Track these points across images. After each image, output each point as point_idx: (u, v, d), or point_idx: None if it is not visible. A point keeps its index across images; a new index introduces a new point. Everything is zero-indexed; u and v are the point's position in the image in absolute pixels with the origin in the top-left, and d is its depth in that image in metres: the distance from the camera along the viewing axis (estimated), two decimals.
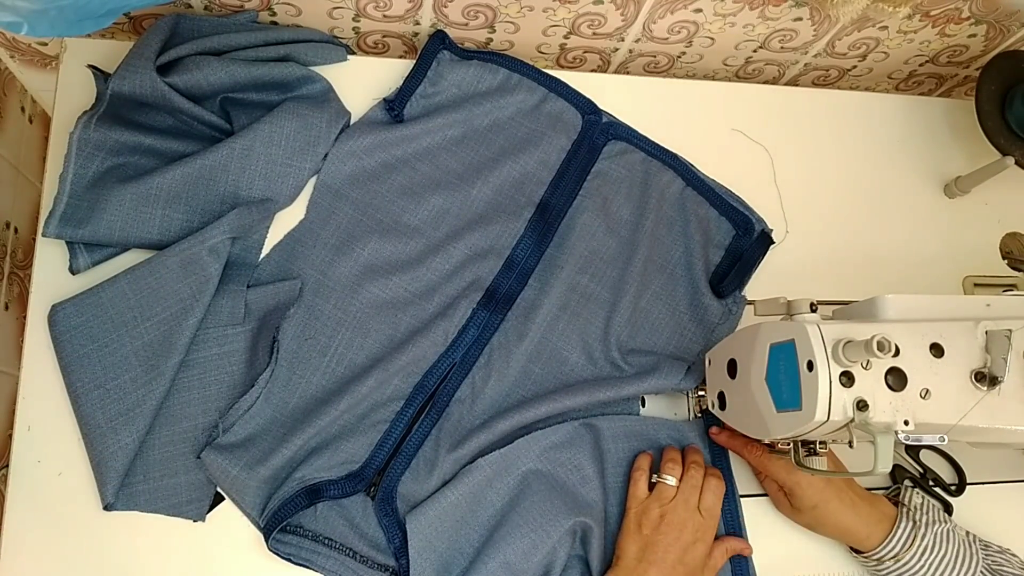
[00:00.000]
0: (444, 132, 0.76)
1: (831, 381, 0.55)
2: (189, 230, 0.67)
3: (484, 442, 0.68)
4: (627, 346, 0.74)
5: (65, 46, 0.73)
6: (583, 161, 0.78)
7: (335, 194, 0.73)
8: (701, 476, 0.67)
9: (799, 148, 0.85)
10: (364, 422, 0.68)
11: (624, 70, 0.90)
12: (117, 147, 0.68)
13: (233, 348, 0.66)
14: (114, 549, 0.63)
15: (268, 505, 0.64)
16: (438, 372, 0.70)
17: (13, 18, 0.53)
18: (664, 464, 0.68)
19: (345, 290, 0.71)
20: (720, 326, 0.75)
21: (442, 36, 0.78)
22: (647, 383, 0.70)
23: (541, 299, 0.73)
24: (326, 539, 0.65)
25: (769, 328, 0.61)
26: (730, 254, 0.78)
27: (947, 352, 0.58)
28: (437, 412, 0.69)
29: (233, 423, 0.66)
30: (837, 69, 0.93)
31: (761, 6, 0.79)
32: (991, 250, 0.86)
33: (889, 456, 0.54)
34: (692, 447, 0.71)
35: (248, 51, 0.72)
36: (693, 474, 0.67)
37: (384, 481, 0.67)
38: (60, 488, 0.64)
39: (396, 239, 0.73)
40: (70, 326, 0.65)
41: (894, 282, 0.82)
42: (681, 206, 0.78)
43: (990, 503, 0.76)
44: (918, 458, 0.74)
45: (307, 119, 0.71)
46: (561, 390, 0.70)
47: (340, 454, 0.67)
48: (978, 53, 0.91)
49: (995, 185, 0.84)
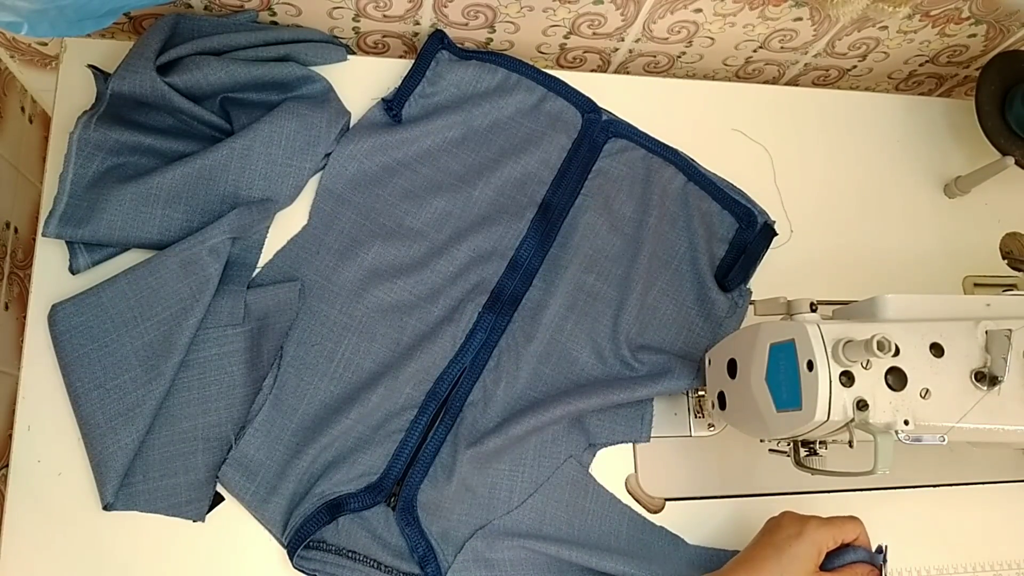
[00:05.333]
0: (444, 133, 0.76)
1: (831, 381, 0.55)
2: (189, 230, 0.67)
3: (500, 445, 0.68)
4: (636, 343, 0.74)
5: (65, 46, 0.73)
6: (584, 160, 0.78)
7: (337, 199, 0.73)
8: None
9: (799, 148, 0.85)
10: (379, 432, 0.68)
11: (624, 70, 0.90)
12: (117, 147, 0.67)
13: (233, 348, 0.66)
14: (114, 549, 0.63)
15: (290, 522, 0.65)
16: (449, 378, 0.70)
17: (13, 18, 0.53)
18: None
19: (350, 295, 0.71)
20: (727, 320, 0.76)
21: (441, 36, 0.78)
22: (660, 385, 0.70)
23: (547, 300, 0.73)
24: (349, 552, 0.65)
25: (769, 328, 0.61)
26: (734, 247, 0.78)
27: (947, 352, 0.58)
28: (451, 418, 0.69)
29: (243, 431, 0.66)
30: (837, 69, 0.93)
31: (761, 6, 0.79)
32: (991, 250, 0.86)
33: (889, 456, 0.54)
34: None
35: (248, 51, 0.72)
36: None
37: (404, 490, 0.67)
38: (60, 488, 0.64)
39: (399, 242, 0.73)
40: (70, 326, 0.65)
41: (894, 282, 0.81)
42: (683, 201, 0.78)
43: (990, 503, 0.76)
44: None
45: (307, 119, 0.71)
46: (574, 392, 0.70)
47: (358, 467, 0.67)
48: (978, 53, 0.91)
49: (995, 185, 0.84)
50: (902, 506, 0.75)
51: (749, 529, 0.70)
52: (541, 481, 0.69)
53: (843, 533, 0.62)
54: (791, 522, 0.63)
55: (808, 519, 0.63)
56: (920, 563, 0.74)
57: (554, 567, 0.68)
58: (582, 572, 0.68)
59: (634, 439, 0.72)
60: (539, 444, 0.70)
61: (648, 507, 0.72)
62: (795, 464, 0.64)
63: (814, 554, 0.61)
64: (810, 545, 0.61)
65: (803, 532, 0.61)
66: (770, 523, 0.65)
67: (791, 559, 0.60)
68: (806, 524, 0.62)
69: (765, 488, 0.74)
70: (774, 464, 0.73)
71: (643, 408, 0.73)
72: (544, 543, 0.67)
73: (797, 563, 0.60)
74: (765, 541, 0.63)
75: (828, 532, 0.62)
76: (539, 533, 0.68)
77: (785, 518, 0.64)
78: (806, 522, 0.62)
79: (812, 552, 0.60)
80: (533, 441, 0.70)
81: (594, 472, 0.71)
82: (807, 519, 0.63)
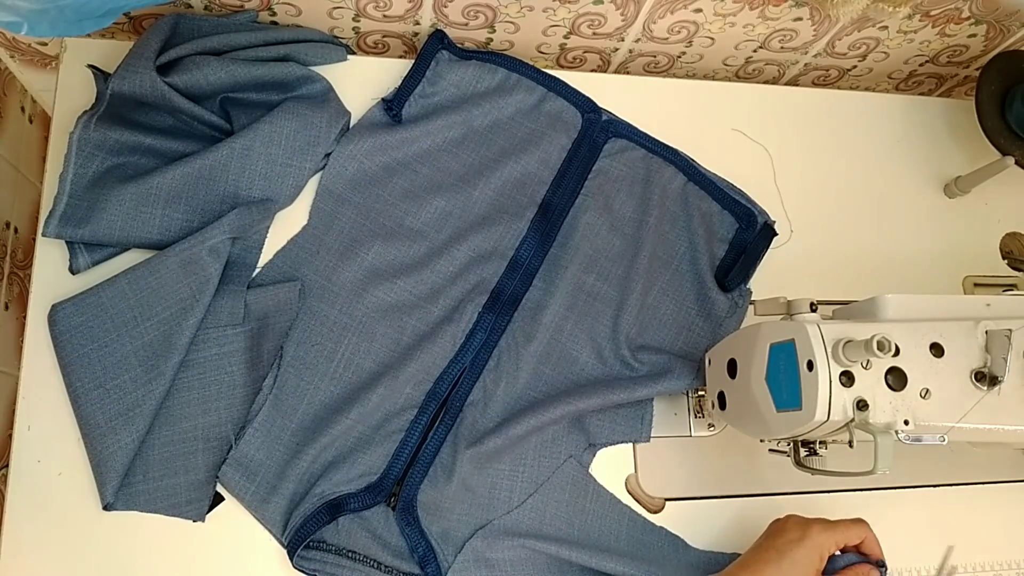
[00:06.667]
0: (444, 133, 0.76)
1: (831, 381, 0.55)
2: (189, 230, 0.67)
3: (500, 445, 0.68)
4: (636, 343, 0.74)
5: (65, 46, 0.73)
6: (584, 160, 0.78)
7: (337, 199, 0.73)
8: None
9: (799, 148, 0.85)
10: (379, 432, 0.68)
11: (624, 70, 0.90)
12: (117, 147, 0.68)
13: (233, 348, 0.66)
14: (114, 549, 0.63)
15: (290, 522, 0.65)
16: (449, 378, 0.70)
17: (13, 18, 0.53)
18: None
19: (350, 295, 0.71)
20: (727, 320, 0.76)
21: (441, 36, 0.78)
22: (660, 385, 0.70)
23: (547, 300, 0.73)
24: (349, 552, 0.65)
25: (769, 328, 0.61)
26: (734, 247, 0.78)
27: (947, 352, 0.58)
28: (451, 418, 0.69)
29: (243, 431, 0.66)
30: (837, 69, 0.93)
31: (761, 6, 0.79)
32: (991, 250, 0.86)
33: (890, 456, 0.54)
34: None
35: (248, 51, 0.72)
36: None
37: (404, 490, 0.67)
38: (60, 488, 0.64)
39: (399, 243, 0.73)
40: (70, 326, 0.65)
41: (894, 282, 0.81)
42: (684, 201, 0.78)
43: (990, 503, 0.76)
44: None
45: (307, 119, 0.71)
46: (574, 392, 0.70)
47: (358, 467, 0.67)
48: (978, 53, 0.91)
49: (995, 185, 0.84)
50: (902, 506, 0.75)
51: (749, 529, 0.70)
52: (541, 481, 0.69)
53: (847, 537, 0.62)
54: (794, 526, 0.63)
55: (812, 523, 0.62)
56: (920, 563, 0.74)
57: (554, 567, 0.68)
58: (582, 572, 0.68)
59: (634, 439, 0.72)
60: (539, 444, 0.70)
61: (648, 507, 0.72)
62: (795, 464, 0.64)
63: (815, 559, 0.60)
64: (811, 550, 0.60)
65: (805, 536, 0.61)
66: (773, 526, 0.65)
67: (792, 563, 0.60)
68: (809, 528, 0.62)
69: (765, 488, 0.74)
70: (774, 464, 0.73)
71: (643, 408, 0.73)
72: (544, 543, 0.67)
73: (798, 568, 0.60)
74: (767, 544, 0.63)
75: (831, 537, 0.61)
76: (539, 533, 0.68)
77: (789, 521, 0.64)
78: (809, 526, 0.62)
79: (813, 557, 0.60)
80: (533, 441, 0.70)
81: (594, 472, 0.71)
82: (811, 523, 0.62)
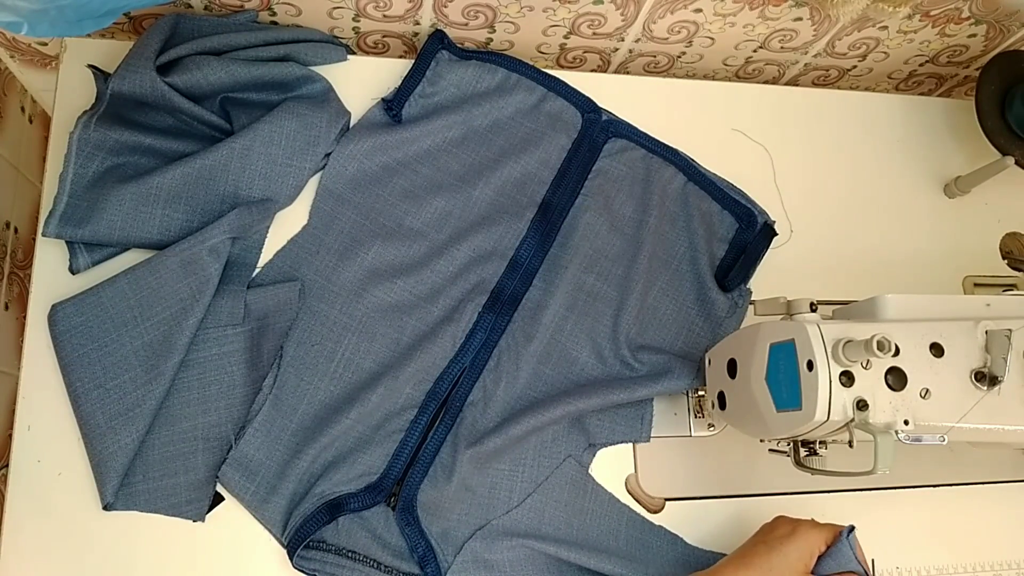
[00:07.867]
0: (444, 133, 0.76)
1: (831, 381, 0.55)
2: (189, 230, 0.67)
3: (500, 445, 0.68)
4: (636, 343, 0.74)
5: (65, 46, 0.73)
6: (584, 160, 0.78)
7: (337, 199, 0.73)
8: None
9: (799, 148, 0.85)
10: (379, 432, 0.68)
11: (624, 70, 0.90)
12: (117, 147, 0.67)
13: (233, 348, 0.66)
14: (114, 549, 0.63)
15: (290, 522, 0.65)
16: (449, 378, 0.70)
17: (13, 18, 0.53)
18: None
19: (350, 295, 0.71)
20: (727, 320, 0.76)
21: (441, 36, 0.78)
22: (660, 385, 0.70)
23: (547, 300, 0.73)
24: (349, 552, 0.65)
25: (769, 328, 0.61)
26: (734, 247, 0.78)
27: (947, 352, 0.58)
28: (451, 418, 0.69)
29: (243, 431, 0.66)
30: (837, 69, 0.93)
31: (761, 6, 0.79)
32: (991, 250, 0.86)
33: (890, 456, 0.54)
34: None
35: (248, 51, 0.72)
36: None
37: (403, 490, 0.67)
38: (60, 488, 0.64)
39: (399, 242, 0.73)
40: (70, 326, 0.65)
41: (894, 282, 0.81)
42: (683, 201, 0.78)
43: (990, 503, 0.76)
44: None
45: (307, 119, 0.71)
46: (574, 392, 0.70)
47: (358, 466, 0.67)
48: (978, 53, 0.91)
49: (995, 185, 0.84)
50: (902, 506, 0.75)
51: (749, 529, 0.70)
52: (541, 481, 0.69)
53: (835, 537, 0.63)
54: (784, 523, 0.64)
55: (801, 521, 0.64)
56: (920, 563, 0.74)
57: (553, 567, 0.68)
58: (581, 572, 0.68)
59: (634, 439, 0.72)
60: (539, 444, 0.70)
61: (648, 507, 0.72)
62: (795, 464, 0.64)
63: (805, 554, 0.61)
64: (801, 544, 0.61)
65: (795, 532, 0.62)
66: (764, 526, 0.66)
67: (782, 557, 0.60)
68: (799, 525, 0.63)
69: (765, 488, 0.74)
70: (774, 464, 0.73)
71: (643, 408, 0.73)
72: (544, 543, 0.67)
73: (787, 562, 0.60)
74: (757, 539, 0.64)
75: (820, 535, 0.62)
76: (539, 533, 0.68)
77: (779, 520, 0.65)
78: (798, 523, 0.63)
79: (803, 552, 0.61)
80: (533, 441, 0.70)
81: (594, 472, 0.71)
82: (800, 521, 0.64)
